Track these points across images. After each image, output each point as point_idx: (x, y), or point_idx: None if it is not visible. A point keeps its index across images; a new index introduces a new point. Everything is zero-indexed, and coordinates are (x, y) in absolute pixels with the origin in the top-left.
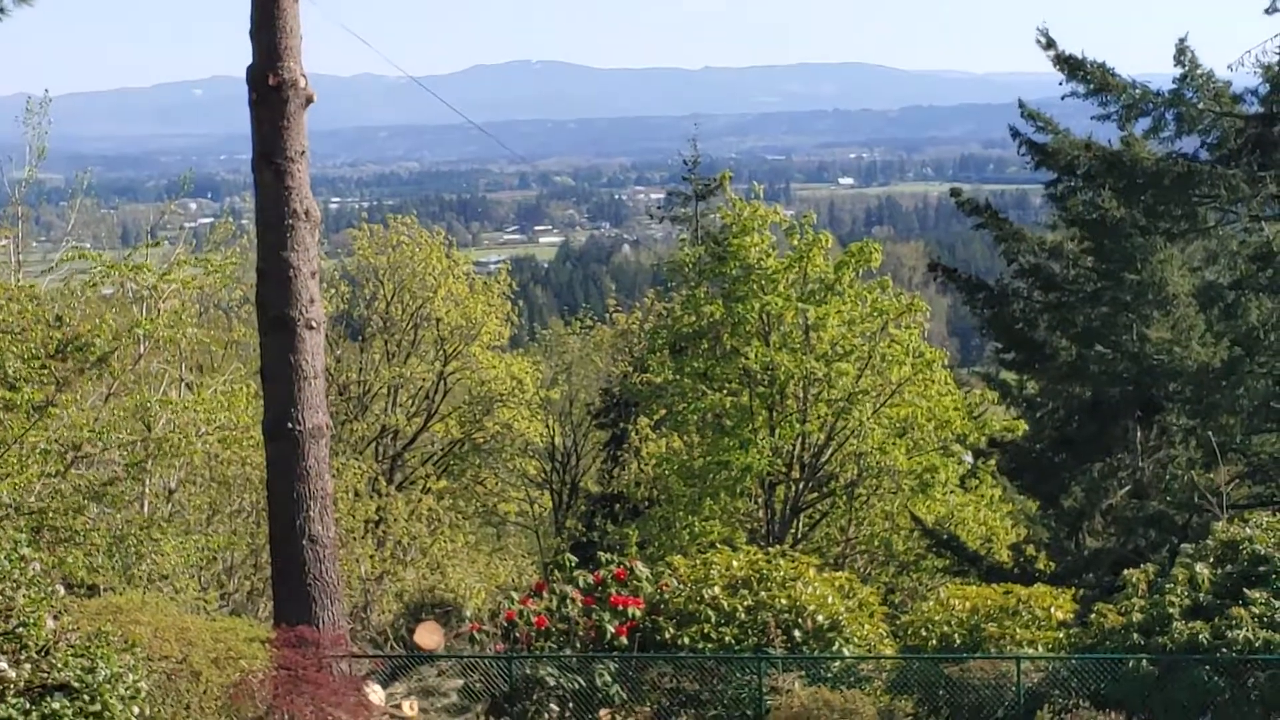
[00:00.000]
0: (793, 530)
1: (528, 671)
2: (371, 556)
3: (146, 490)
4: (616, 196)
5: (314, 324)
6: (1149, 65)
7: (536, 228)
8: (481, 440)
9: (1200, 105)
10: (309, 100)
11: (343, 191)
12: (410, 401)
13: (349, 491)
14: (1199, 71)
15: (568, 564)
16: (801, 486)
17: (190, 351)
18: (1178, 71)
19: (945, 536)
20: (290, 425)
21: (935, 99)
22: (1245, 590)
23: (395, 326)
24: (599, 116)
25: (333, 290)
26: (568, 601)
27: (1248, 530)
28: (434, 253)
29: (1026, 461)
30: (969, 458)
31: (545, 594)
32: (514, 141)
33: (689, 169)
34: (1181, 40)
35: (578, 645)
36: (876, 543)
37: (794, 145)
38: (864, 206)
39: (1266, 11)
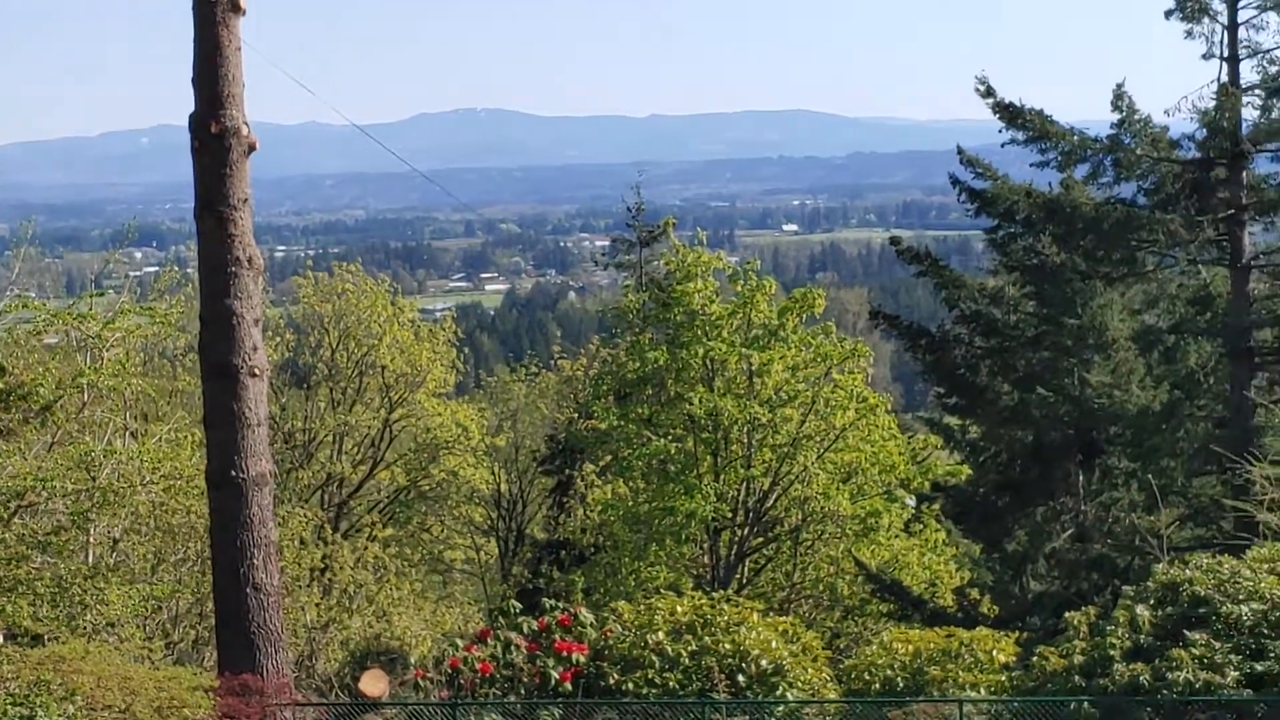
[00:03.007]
0: (738, 575)
1: (472, 719)
2: (317, 604)
3: (91, 539)
4: (562, 244)
5: (257, 371)
6: (1088, 112)
7: (482, 275)
8: (427, 487)
9: (1138, 151)
10: (252, 148)
11: (288, 239)
12: (356, 449)
13: (294, 539)
14: (1136, 117)
15: (512, 610)
16: (746, 532)
17: (135, 400)
18: (1116, 118)
19: (889, 581)
20: (233, 473)
21: (879, 146)
22: (1185, 632)
23: (340, 374)
24: (544, 164)
25: (278, 338)
26: (512, 648)
27: (1188, 572)
28: (379, 300)
29: (970, 505)
30: (912, 502)
31: (490, 640)
32: (460, 189)
33: (633, 216)
34: (1119, 86)
35: (522, 692)
36: (821, 587)
37: (739, 192)
38: (808, 253)
39: (1204, 57)
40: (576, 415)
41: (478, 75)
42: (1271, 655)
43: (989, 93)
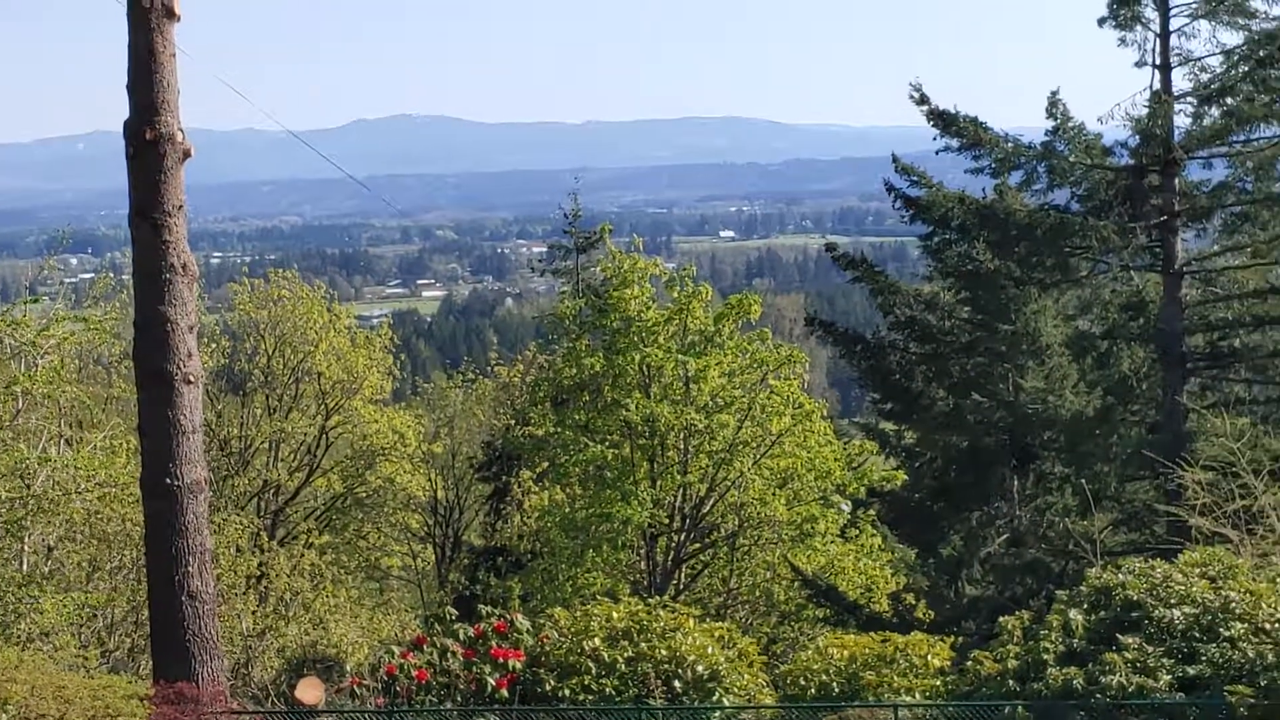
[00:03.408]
0: (675, 581)
1: None
2: (253, 612)
3: (25, 547)
4: (499, 250)
5: (192, 378)
6: (1024, 119)
7: (419, 281)
8: (364, 494)
9: (1071, 158)
10: (186, 154)
11: (224, 246)
12: (292, 456)
13: (230, 547)
14: (1070, 125)
15: (448, 617)
16: (683, 538)
17: (69, 407)
18: (1050, 125)
19: (825, 586)
20: (168, 480)
21: (817, 152)
22: (1118, 636)
23: (277, 381)
24: (482, 170)
25: (213, 345)
26: (448, 655)
27: (1121, 577)
28: (315, 307)
29: (905, 511)
30: (847, 507)
31: (426, 647)
32: (397, 195)
33: (570, 222)
34: (1054, 94)
35: (458, 698)
36: (757, 593)
37: (676, 199)
38: (745, 259)
39: (1136, 65)
40: (513, 422)
41: (415, 81)
42: (1203, 659)
43: (923, 100)
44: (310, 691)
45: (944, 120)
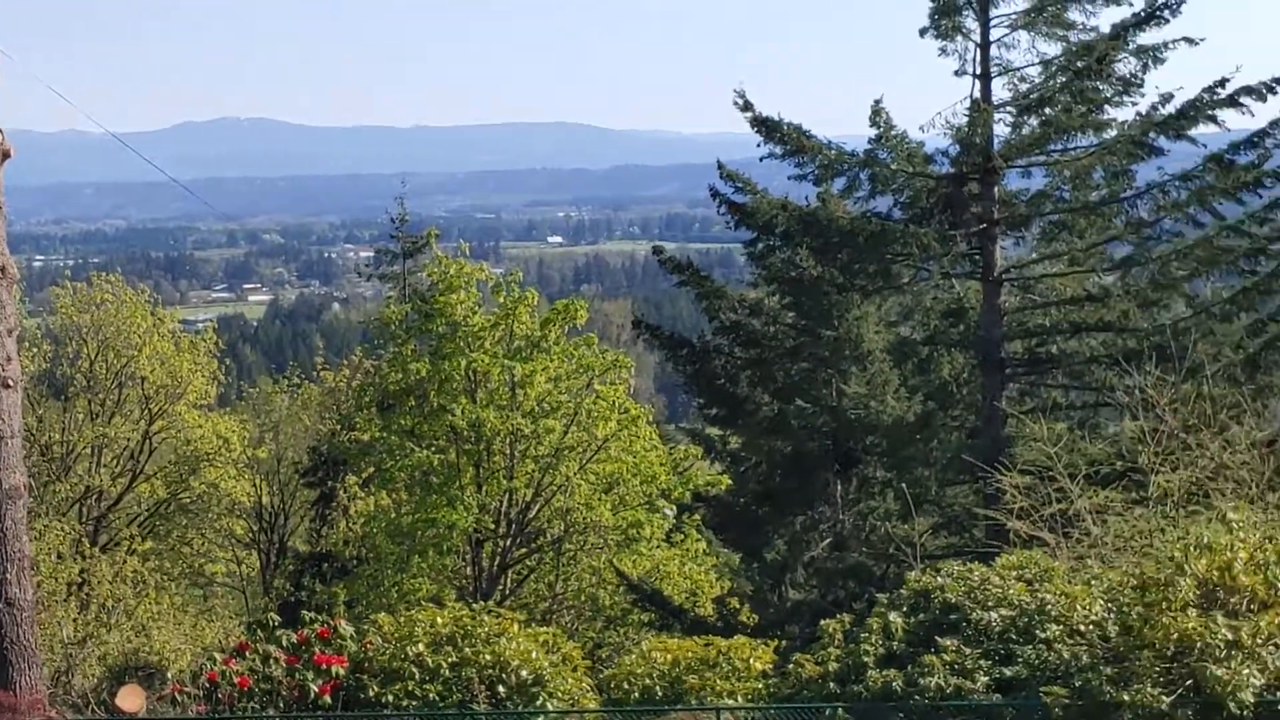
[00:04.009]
0: (500, 586)
1: None
2: (74, 620)
3: None
4: (326, 254)
5: (10, 382)
6: (848, 127)
7: (245, 286)
8: (188, 500)
9: (893, 166)
10: (6, 155)
11: (47, 249)
12: (115, 461)
13: (51, 553)
14: (893, 133)
15: (271, 623)
16: (509, 543)
17: None
18: (873, 133)
19: (650, 591)
20: None
21: (644, 159)
22: (937, 638)
23: (99, 385)
24: (309, 174)
25: (34, 349)
26: (271, 661)
27: (940, 580)
28: (138, 311)
29: (730, 515)
30: (672, 512)
31: (248, 654)
32: (222, 199)
33: (397, 227)
34: (877, 103)
35: (281, 705)
36: (583, 598)
37: (504, 204)
38: (572, 265)
39: (957, 74)
40: (339, 427)
41: (242, 84)
42: (1020, 660)
43: (747, 106)
44: (131, 699)
45: (768, 127)
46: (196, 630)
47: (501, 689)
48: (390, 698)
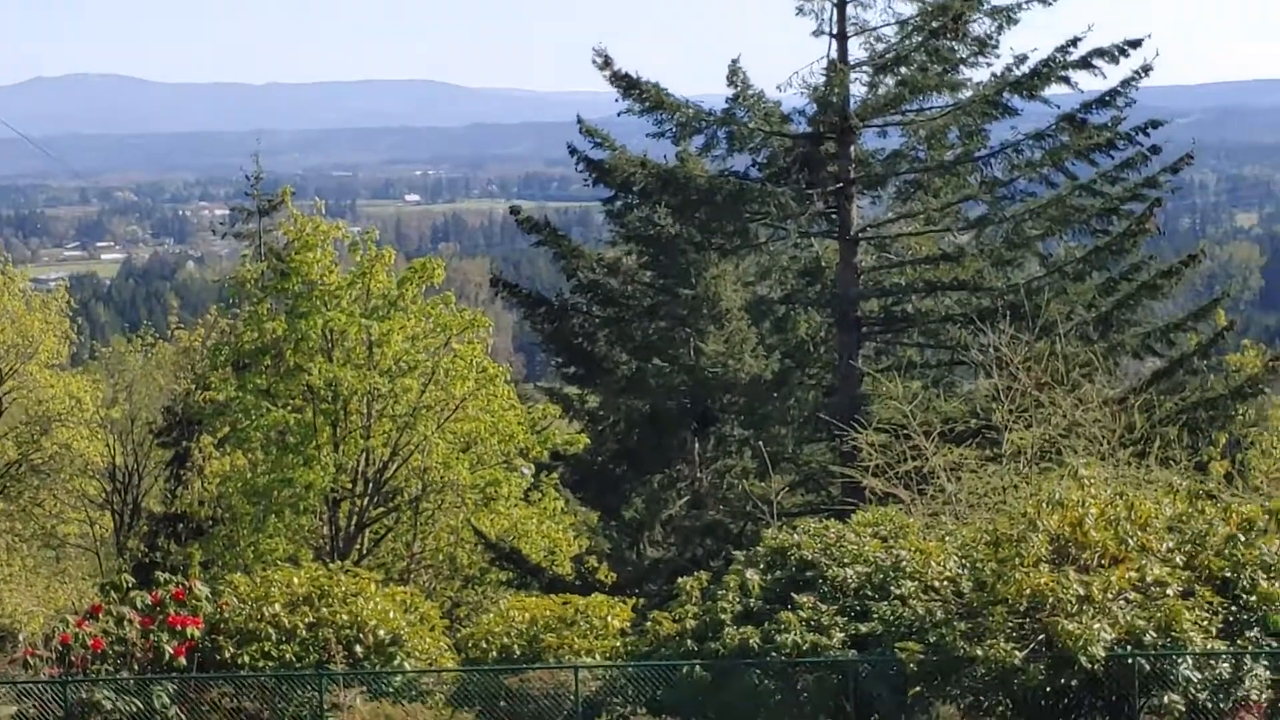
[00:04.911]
0: (358, 546)
1: (83, 696)
2: None
3: None
4: (180, 212)
5: None
6: (707, 86)
7: (98, 244)
8: (39, 460)
9: (751, 125)
10: None
11: None
12: None
13: None
14: (750, 92)
15: (125, 585)
16: (366, 503)
17: None
18: (731, 92)
19: (508, 550)
20: None
21: (500, 117)
22: (794, 595)
23: None
24: (162, 131)
25: None
26: (124, 623)
27: (796, 537)
28: None
29: (588, 474)
30: (529, 471)
31: (102, 616)
32: (75, 156)
33: (252, 185)
34: (734, 62)
35: (135, 667)
36: (441, 557)
37: (360, 162)
38: (430, 223)
39: (814, 34)
40: (194, 386)
41: (93, 39)
42: (875, 616)
43: (607, 64)
44: None
45: (626, 84)
46: (49, 592)
47: (359, 649)
48: (246, 659)
